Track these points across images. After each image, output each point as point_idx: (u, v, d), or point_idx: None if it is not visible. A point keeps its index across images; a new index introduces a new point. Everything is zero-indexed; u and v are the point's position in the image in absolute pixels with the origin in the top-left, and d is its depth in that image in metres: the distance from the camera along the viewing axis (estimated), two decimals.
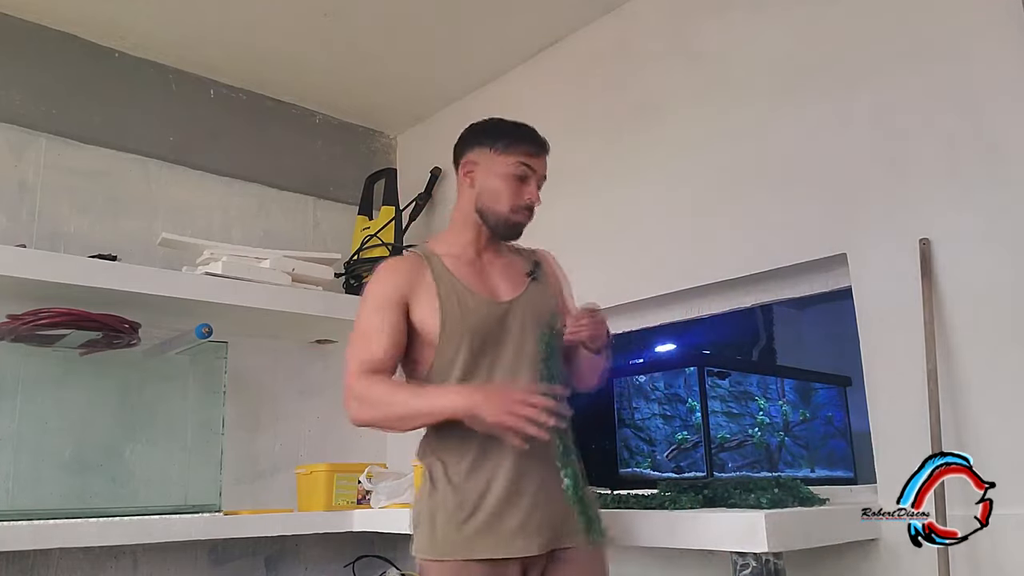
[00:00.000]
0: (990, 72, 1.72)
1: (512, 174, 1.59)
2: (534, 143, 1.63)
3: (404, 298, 1.54)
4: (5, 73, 2.51)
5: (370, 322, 1.54)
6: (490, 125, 1.66)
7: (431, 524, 1.49)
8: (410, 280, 1.56)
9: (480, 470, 1.49)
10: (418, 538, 1.52)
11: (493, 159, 1.60)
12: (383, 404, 1.48)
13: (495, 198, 1.60)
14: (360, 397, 1.49)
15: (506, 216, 1.59)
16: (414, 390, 1.50)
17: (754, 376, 3.10)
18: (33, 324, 2.16)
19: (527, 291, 1.63)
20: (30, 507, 2.16)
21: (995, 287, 1.66)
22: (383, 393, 1.48)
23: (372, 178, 3.16)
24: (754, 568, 1.46)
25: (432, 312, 1.53)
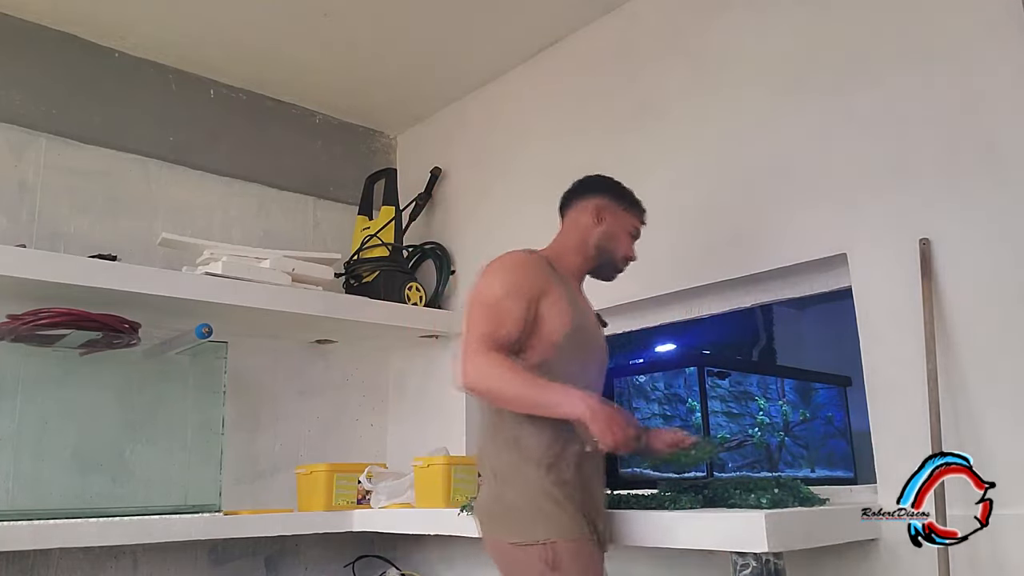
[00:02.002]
0: (990, 72, 1.72)
1: (629, 231, 1.85)
2: (644, 213, 1.91)
3: (538, 294, 1.65)
4: (5, 73, 2.51)
5: (505, 304, 1.62)
6: (617, 184, 1.88)
7: (557, 505, 1.56)
8: (545, 279, 1.68)
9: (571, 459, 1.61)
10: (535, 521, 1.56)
11: (620, 213, 1.84)
12: (504, 379, 1.55)
13: (616, 244, 1.82)
14: (482, 365, 1.56)
15: (616, 262, 1.84)
16: (536, 379, 1.56)
17: (754, 376, 3.10)
18: (33, 324, 2.16)
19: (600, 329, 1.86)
20: (30, 507, 2.16)
21: (995, 287, 1.66)
22: (507, 369, 1.56)
23: (372, 178, 3.16)
24: (754, 568, 1.46)
25: (563, 316, 1.66)
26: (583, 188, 1.87)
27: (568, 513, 1.57)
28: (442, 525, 2.21)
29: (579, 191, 1.87)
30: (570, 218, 1.85)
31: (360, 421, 3.10)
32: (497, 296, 1.65)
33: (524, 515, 1.58)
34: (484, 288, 1.68)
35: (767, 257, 2.06)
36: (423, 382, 3.06)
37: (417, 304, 2.87)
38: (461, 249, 3.03)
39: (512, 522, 1.59)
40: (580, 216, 1.84)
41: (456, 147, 3.13)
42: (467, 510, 2.08)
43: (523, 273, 1.69)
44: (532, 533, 1.56)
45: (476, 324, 1.62)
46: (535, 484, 1.59)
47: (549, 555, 1.53)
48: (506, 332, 1.60)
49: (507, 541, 1.59)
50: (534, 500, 1.58)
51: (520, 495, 1.60)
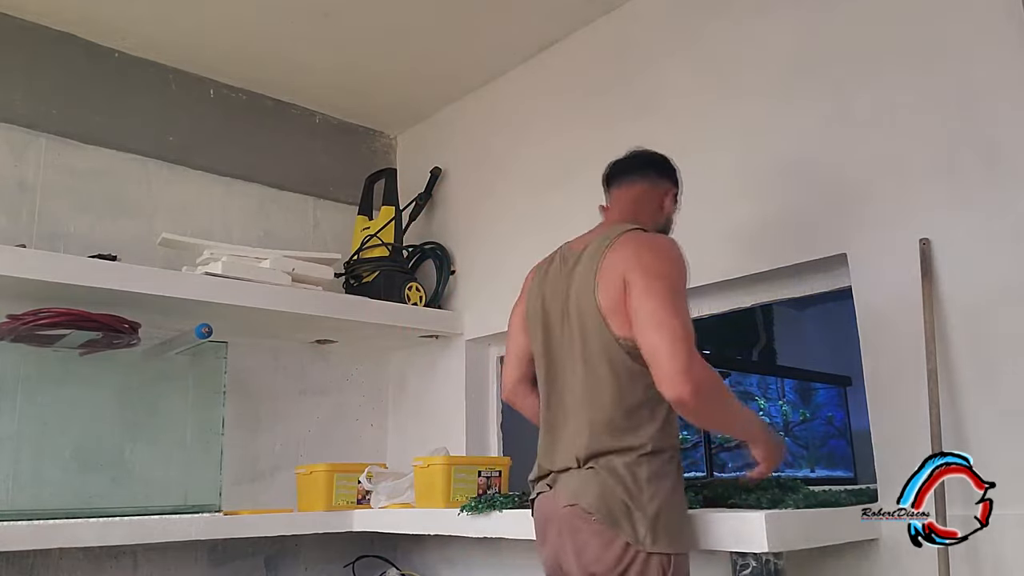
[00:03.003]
0: (990, 72, 1.72)
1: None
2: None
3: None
4: (5, 73, 2.51)
5: (684, 296, 1.56)
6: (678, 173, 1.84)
7: (680, 514, 1.53)
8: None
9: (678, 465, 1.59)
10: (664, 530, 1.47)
11: (674, 200, 1.82)
12: (727, 404, 1.53)
13: (671, 227, 1.81)
14: (709, 383, 1.46)
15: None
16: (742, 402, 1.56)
17: (754, 376, 3.11)
18: (33, 324, 2.16)
19: None
20: (30, 507, 2.15)
21: (995, 287, 1.66)
22: (727, 393, 1.54)
23: (372, 178, 3.16)
24: (754, 568, 1.46)
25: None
26: (657, 167, 1.81)
27: (689, 524, 1.55)
28: (442, 525, 2.21)
29: (653, 167, 1.80)
30: (639, 191, 1.76)
31: (360, 421, 3.10)
32: (679, 286, 1.55)
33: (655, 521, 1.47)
34: (666, 268, 1.55)
35: (767, 257, 2.06)
36: (423, 382, 3.06)
37: (417, 304, 2.86)
38: (461, 249, 3.03)
39: (639, 524, 1.47)
40: (653, 195, 1.77)
41: (456, 147, 3.13)
42: (468, 510, 2.08)
43: (684, 265, 1.61)
44: (660, 542, 1.47)
45: (678, 313, 1.49)
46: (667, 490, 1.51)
47: (670, 567, 1.47)
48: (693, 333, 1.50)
49: (628, 542, 1.47)
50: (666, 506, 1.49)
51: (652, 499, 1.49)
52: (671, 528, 1.48)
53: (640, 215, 1.72)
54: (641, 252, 1.56)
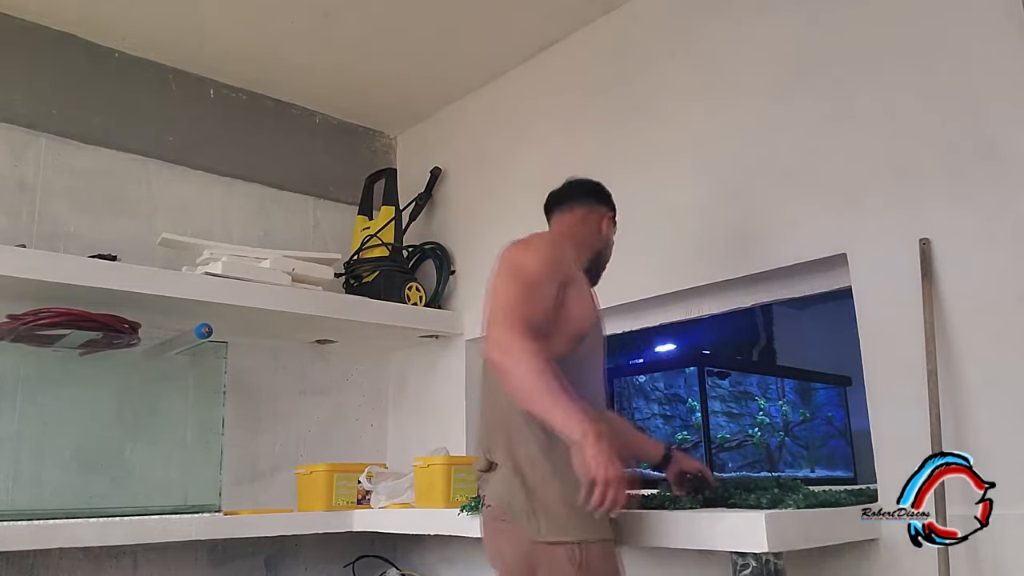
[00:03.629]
0: (990, 72, 1.72)
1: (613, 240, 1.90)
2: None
3: (566, 279, 1.62)
4: (5, 73, 2.51)
5: (541, 284, 1.57)
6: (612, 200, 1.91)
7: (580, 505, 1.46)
8: (573, 266, 1.67)
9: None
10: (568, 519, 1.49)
11: (611, 223, 1.89)
12: (536, 380, 1.44)
13: (609, 251, 1.88)
14: (519, 354, 1.46)
15: (605, 265, 1.89)
16: (566, 390, 1.44)
17: (754, 376, 3.10)
18: (33, 324, 2.16)
19: None
20: (30, 507, 2.16)
21: (995, 287, 1.66)
22: (544, 371, 1.45)
23: (372, 178, 3.16)
24: (754, 568, 1.46)
25: (586, 307, 1.66)
26: (596, 194, 1.90)
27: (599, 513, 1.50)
28: (442, 525, 2.21)
29: (592, 195, 1.89)
30: (576, 215, 1.85)
31: (360, 421, 3.10)
32: (535, 272, 1.58)
33: (556, 512, 1.51)
34: (521, 259, 1.61)
35: (767, 257, 2.06)
36: (423, 382, 3.07)
37: (417, 304, 2.87)
38: (461, 249, 3.03)
39: (540, 518, 1.52)
40: (590, 218, 1.85)
41: (456, 147, 3.13)
42: (467, 510, 2.08)
43: (559, 253, 1.67)
44: (564, 532, 1.50)
45: (515, 300, 1.54)
46: (569, 479, 1.48)
47: (578, 556, 1.48)
48: (538, 314, 1.54)
49: (532, 539, 1.52)
50: (568, 496, 1.49)
51: (552, 490, 1.53)
52: (574, 516, 1.48)
53: (578, 236, 1.81)
54: (510, 250, 1.65)
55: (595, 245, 1.84)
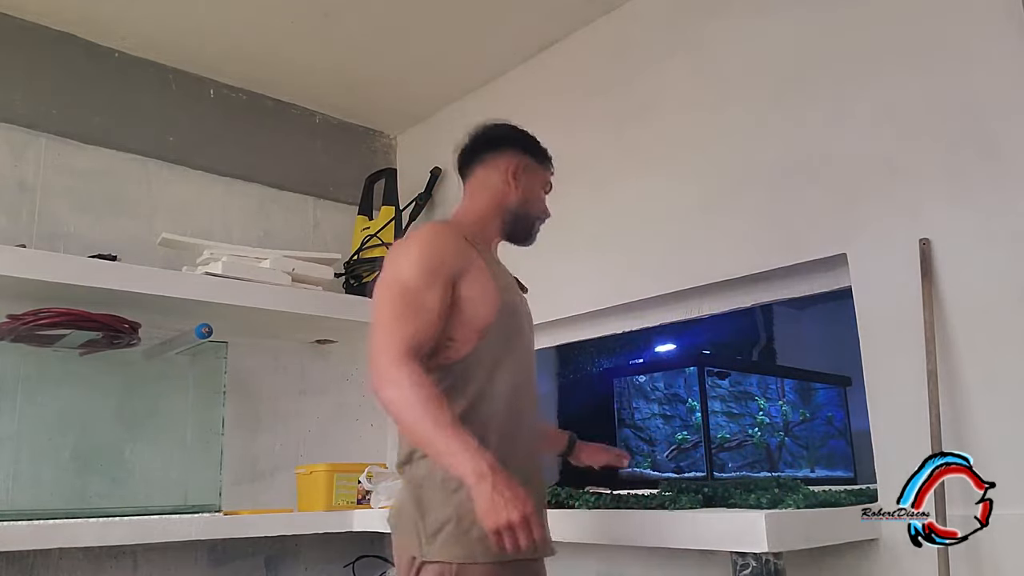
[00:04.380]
0: (990, 72, 1.72)
1: (543, 188, 1.70)
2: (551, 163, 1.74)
3: (456, 272, 1.45)
4: (5, 73, 2.51)
5: (421, 292, 1.41)
6: (528, 136, 1.70)
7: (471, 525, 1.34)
8: (464, 255, 1.48)
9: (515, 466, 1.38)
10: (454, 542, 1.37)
11: (535, 169, 1.67)
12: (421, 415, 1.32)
13: (535, 204, 1.66)
14: (404, 386, 1.34)
15: (532, 223, 1.66)
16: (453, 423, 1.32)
17: (754, 376, 3.10)
18: (33, 324, 2.16)
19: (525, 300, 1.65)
20: (30, 507, 2.16)
21: (995, 287, 1.66)
22: (429, 401, 1.32)
23: (372, 178, 3.16)
24: (754, 568, 1.46)
25: (486, 290, 1.47)
26: (490, 143, 1.65)
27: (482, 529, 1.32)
28: None
29: (486, 146, 1.64)
30: (477, 178, 1.63)
31: (360, 421, 3.10)
32: (412, 283, 1.42)
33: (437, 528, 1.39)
34: (396, 267, 1.46)
35: (767, 257, 2.06)
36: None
37: None
38: None
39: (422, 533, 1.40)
40: (491, 176, 1.61)
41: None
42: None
43: (438, 250, 1.46)
44: (441, 551, 1.37)
45: (391, 319, 1.41)
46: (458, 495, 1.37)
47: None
48: (423, 329, 1.39)
49: (411, 554, 1.41)
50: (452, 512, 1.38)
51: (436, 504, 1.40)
52: (457, 534, 1.37)
53: (480, 204, 1.60)
54: (390, 254, 1.53)
55: (507, 204, 1.60)
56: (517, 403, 1.50)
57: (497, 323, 1.48)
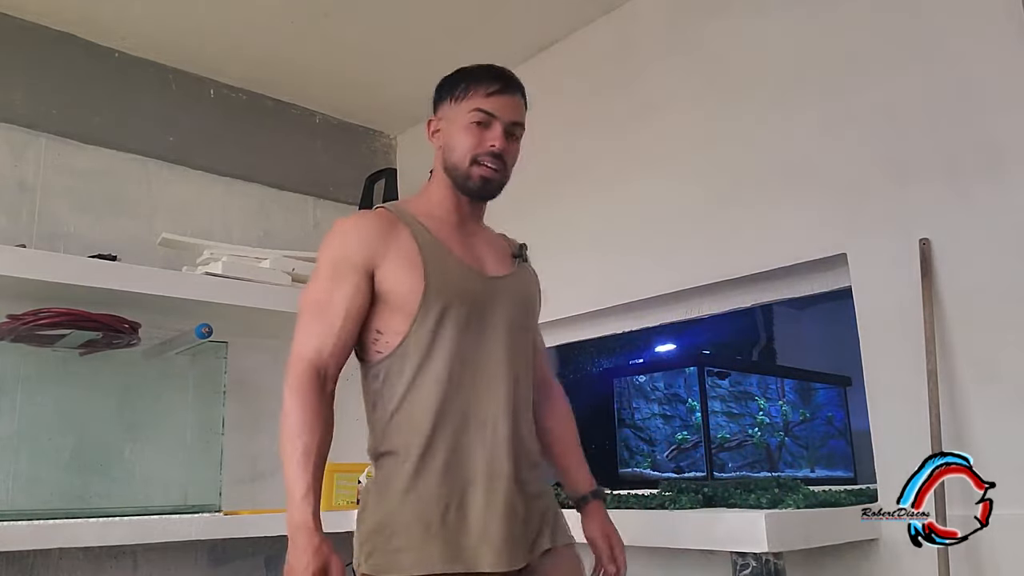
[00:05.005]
0: (990, 72, 1.72)
1: (471, 122, 1.42)
2: (494, 81, 1.45)
3: (371, 261, 1.34)
4: (5, 73, 2.51)
5: (327, 292, 1.33)
6: (453, 74, 1.49)
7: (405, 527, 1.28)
8: (381, 238, 1.35)
9: (456, 469, 1.31)
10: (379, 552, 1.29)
11: (453, 110, 1.44)
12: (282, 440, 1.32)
13: (454, 151, 1.42)
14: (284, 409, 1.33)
15: (467, 170, 1.41)
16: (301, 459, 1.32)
17: (754, 376, 3.10)
18: (33, 324, 2.16)
19: (517, 272, 1.49)
20: (30, 507, 2.16)
21: (995, 287, 1.66)
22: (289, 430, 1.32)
23: (372, 178, 3.16)
24: (754, 568, 1.46)
25: (411, 275, 1.33)
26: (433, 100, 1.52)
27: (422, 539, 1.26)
28: None
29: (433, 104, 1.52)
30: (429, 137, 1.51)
31: (360, 421, 3.05)
32: (317, 285, 1.35)
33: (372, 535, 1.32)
34: (313, 271, 1.40)
35: (767, 257, 2.06)
36: None
37: None
38: None
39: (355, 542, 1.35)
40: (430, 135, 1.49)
41: None
42: None
43: (344, 242, 1.37)
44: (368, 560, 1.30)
45: (298, 327, 1.35)
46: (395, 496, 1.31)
47: None
48: (328, 339, 1.32)
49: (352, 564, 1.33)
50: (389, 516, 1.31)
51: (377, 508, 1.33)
52: (381, 544, 1.29)
53: (430, 181, 1.49)
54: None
55: (442, 166, 1.45)
56: (470, 397, 1.34)
57: (426, 310, 1.32)
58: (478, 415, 1.34)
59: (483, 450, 1.33)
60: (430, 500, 1.29)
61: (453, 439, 1.32)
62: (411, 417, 1.35)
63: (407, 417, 1.35)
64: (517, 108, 1.48)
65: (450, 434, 1.33)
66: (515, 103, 1.48)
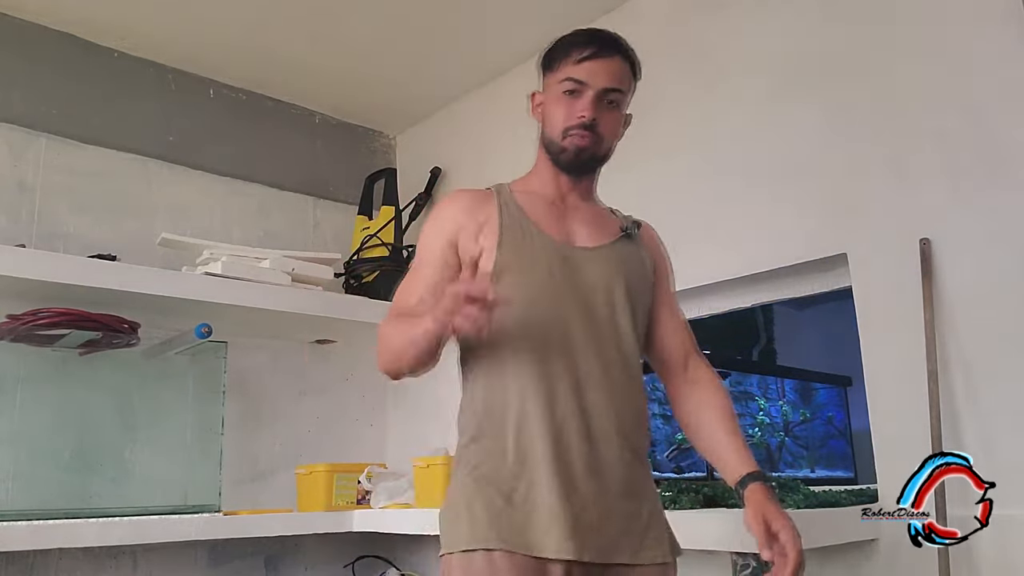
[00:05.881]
0: (990, 72, 1.72)
1: (561, 92, 1.37)
2: (586, 46, 1.37)
3: (455, 235, 1.35)
4: (5, 73, 2.51)
5: (421, 264, 1.38)
6: (555, 42, 1.44)
7: (458, 508, 1.28)
8: (468, 212, 1.36)
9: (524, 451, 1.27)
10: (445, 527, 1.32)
11: (550, 81, 1.41)
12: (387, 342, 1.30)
13: (548, 125, 1.41)
14: (379, 341, 1.32)
15: (559, 144, 1.38)
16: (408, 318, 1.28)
17: (754, 376, 3.10)
18: (33, 324, 2.16)
19: (616, 245, 1.42)
20: (30, 507, 2.15)
21: (995, 287, 1.66)
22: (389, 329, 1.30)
23: (372, 178, 3.16)
24: (754, 568, 1.47)
25: (488, 248, 1.32)
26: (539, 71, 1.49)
27: (472, 518, 1.25)
28: None
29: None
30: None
31: (360, 421, 3.09)
32: (418, 256, 1.41)
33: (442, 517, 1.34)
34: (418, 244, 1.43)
35: (767, 257, 2.06)
36: (423, 382, 3.04)
37: None
38: None
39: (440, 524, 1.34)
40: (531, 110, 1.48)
41: (456, 147, 3.13)
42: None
43: (437, 218, 1.40)
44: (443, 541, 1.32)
45: (398, 291, 1.39)
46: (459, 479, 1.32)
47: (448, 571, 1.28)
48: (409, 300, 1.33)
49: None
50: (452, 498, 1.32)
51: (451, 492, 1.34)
52: (446, 525, 1.32)
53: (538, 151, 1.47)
54: None
55: (542, 142, 1.44)
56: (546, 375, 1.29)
57: (497, 282, 1.29)
58: (554, 393, 1.29)
59: (553, 432, 1.27)
60: (498, 481, 1.27)
61: (520, 419, 1.28)
62: (480, 396, 1.34)
63: (479, 396, 1.34)
64: (613, 73, 1.38)
65: (517, 413, 1.28)
66: (611, 67, 1.38)
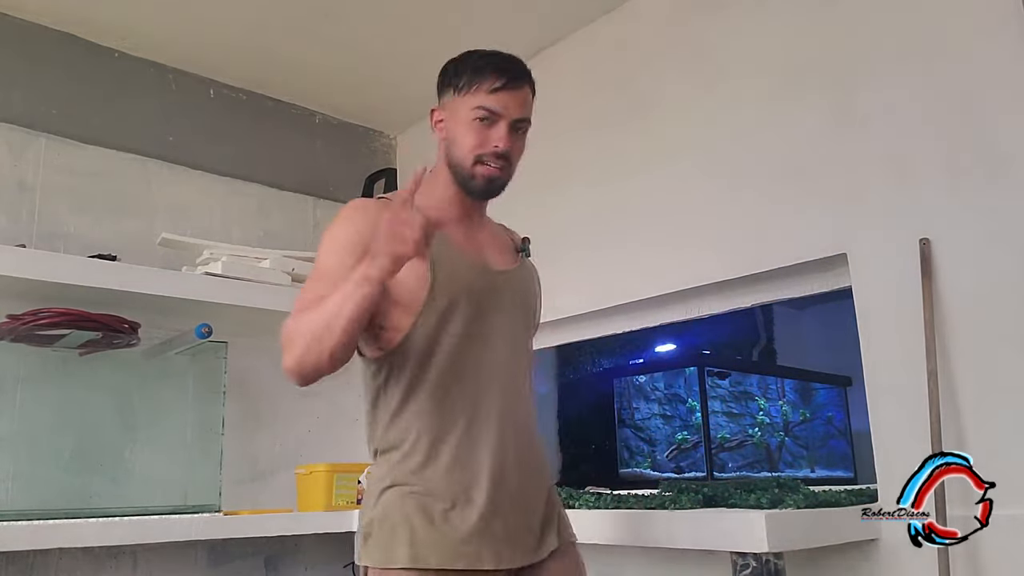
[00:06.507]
0: (990, 72, 1.72)
1: (472, 119, 1.35)
2: (501, 75, 1.36)
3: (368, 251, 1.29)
4: (5, 73, 2.51)
5: (328, 265, 1.33)
6: (459, 60, 1.42)
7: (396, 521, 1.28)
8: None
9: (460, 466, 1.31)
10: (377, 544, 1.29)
11: (456, 103, 1.38)
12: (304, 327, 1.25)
13: (457, 147, 1.38)
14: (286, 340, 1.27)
15: (470, 169, 1.37)
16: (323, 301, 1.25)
17: (754, 376, 3.10)
18: (33, 324, 2.16)
19: (519, 268, 1.48)
20: (30, 507, 2.16)
21: (995, 287, 1.66)
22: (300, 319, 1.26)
23: (372, 178, 3.16)
24: (754, 568, 1.46)
25: (416, 269, 1.28)
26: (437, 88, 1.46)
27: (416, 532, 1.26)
28: None
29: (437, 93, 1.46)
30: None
31: (360, 421, 3.06)
32: (320, 259, 1.36)
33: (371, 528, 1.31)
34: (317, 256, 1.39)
35: (767, 257, 2.06)
36: None
37: None
38: None
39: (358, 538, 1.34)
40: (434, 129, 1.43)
41: None
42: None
43: (351, 224, 1.37)
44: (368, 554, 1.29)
45: (304, 290, 1.34)
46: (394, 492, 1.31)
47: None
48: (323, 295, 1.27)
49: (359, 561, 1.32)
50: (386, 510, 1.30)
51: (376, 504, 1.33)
52: (382, 538, 1.28)
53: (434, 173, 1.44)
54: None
55: (446, 159, 1.40)
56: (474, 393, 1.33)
57: (431, 306, 1.31)
58: (483, 412, 1.33)
59: (488, 447, 1.32)
60: (434, 496, 1.29)
61: (458, 436, 1.32)
62: (415, 414, 1.34)
63: (411, 414, 1.34)
64: (523, 103, 1.41)
65: (455, 431, 1.32)
66: (521, 97, 1.40)
